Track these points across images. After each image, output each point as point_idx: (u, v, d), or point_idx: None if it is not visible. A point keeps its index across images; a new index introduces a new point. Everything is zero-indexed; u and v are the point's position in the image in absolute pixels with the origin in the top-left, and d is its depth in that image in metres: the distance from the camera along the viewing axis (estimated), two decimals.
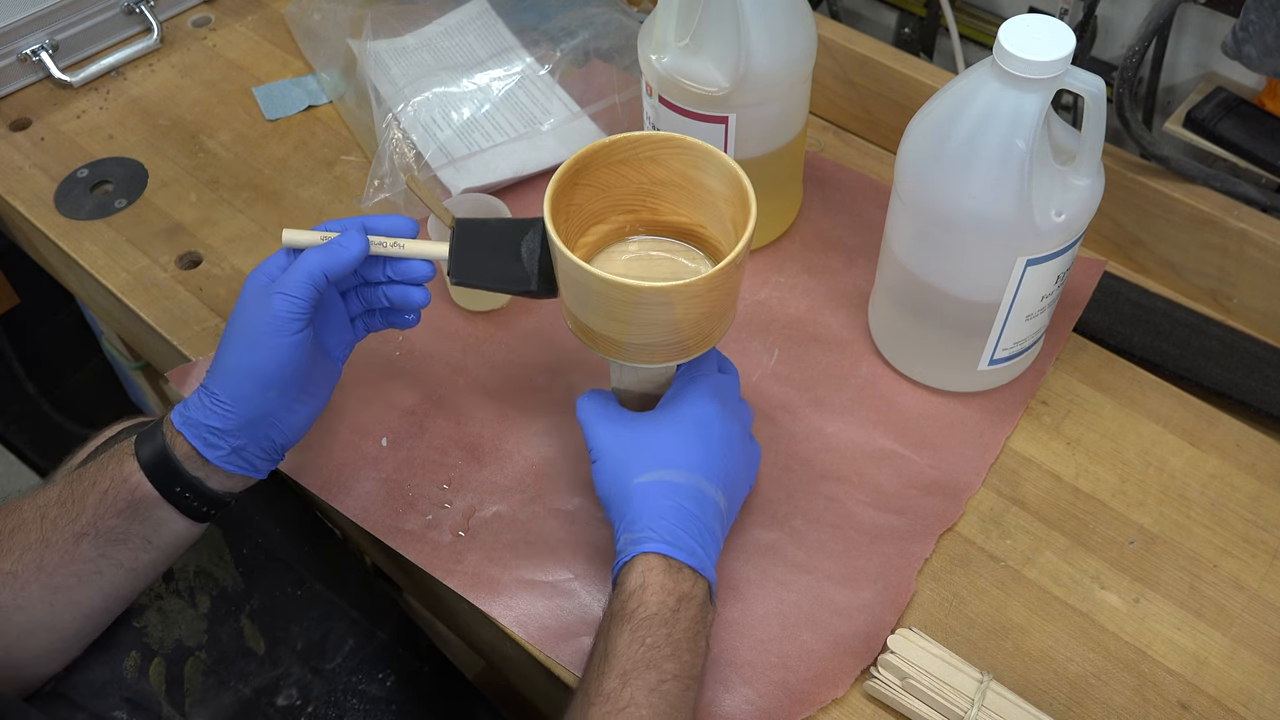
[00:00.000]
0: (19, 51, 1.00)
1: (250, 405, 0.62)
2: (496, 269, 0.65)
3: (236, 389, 0.62)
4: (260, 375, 0.62)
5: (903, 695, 0.63)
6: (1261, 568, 0.69)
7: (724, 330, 0.64)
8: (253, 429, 0.63)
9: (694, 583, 0.59)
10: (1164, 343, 0.82)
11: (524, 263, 0.65)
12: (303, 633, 0.74)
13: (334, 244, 0.63)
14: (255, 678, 0.72)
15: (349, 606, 0.77)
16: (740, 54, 0.71)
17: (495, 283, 0.66)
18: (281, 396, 0.63)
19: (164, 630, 0.71)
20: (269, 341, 0.61)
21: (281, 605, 0.75)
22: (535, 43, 0.98)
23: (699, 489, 0.62)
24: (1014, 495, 0.73)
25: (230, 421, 0.62)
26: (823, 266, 0.86)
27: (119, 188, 0.94)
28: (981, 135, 0.63)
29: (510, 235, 0.65)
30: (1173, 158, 0.81)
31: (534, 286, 0.65)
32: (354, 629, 0.76)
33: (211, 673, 0.71)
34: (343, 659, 0.75)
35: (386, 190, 0.88)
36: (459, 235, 0.66)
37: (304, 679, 0.73)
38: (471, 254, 0.66)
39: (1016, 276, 0.67)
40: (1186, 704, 0.64)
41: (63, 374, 1.39)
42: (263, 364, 0.62)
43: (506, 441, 0.76)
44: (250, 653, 0.72)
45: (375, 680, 0.75)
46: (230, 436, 0.62)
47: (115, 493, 0.62)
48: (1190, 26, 0.91)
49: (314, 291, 0.62)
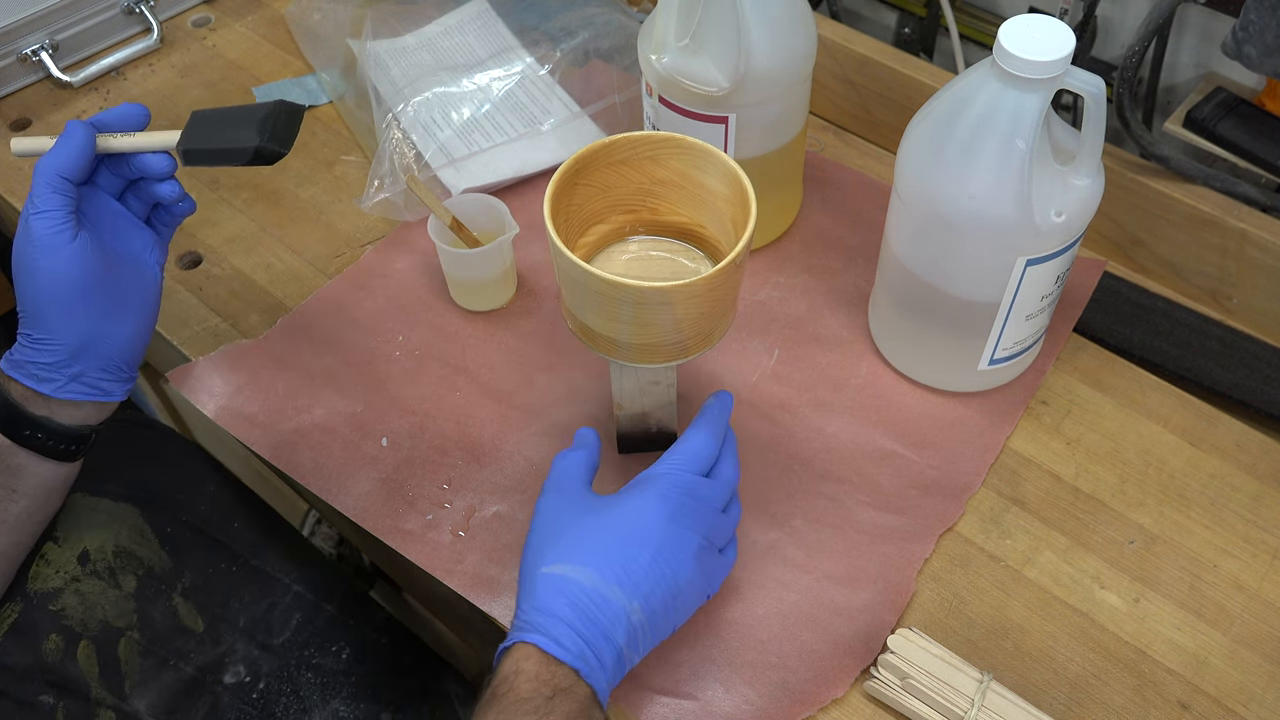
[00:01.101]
0: (19, 51, 1.00)
1: (65, 331, 0.62)
2: (225, 137, 0.64)
3: (44, 320, 0.61)
4: (55, 298, 0.61)
5: (903, 695, 0.63)
6: (1261, 568, 0.69)
7: (724, 330, 0.64)
8: (82, 353, 0.63)
9: (574, 682, 0.55)
10: (1164, 343, 0.82)
11: (255, 130, 0.64)
12: (243, 608, 0.74)
13: (60, 142, 0.61)
14: (197, 656, 0.71)
15: (291, 581, 0.77)
16: (740, 54, 0.71)
17: (223, 145, 0.64)
18: (91, 311, 0.62)
19: (85, 612, 0.70)
20: (43, 264, 0.60)
21: (216, 582, 0.74)
22: (535, 43, 0.98)
23: (603, 595, 0.56)
24: (1014, 495, 0.73)
25: (54, 354, 0.62)
26: (823, 266, 0.86)
27: None
28: (981, 135, 0.63)
29: (246, 114, 0.64)
30: (1173, 158, 0.81)
31: (259, 142, 0.63)
32: (299, 602, 0.76)
33: (149, 653, 0.70)
34: (291, 633, 0.74)
35: (386, 190, 0.88)
36: (192, 122, 0.65)
37: (251, 655, 0.73)
38: (202, 130, 0.65)
39: (1016, 276, 0.67)
40: (1186, 704, 0.64)
41: None
42: (51, 287, 0.61)
43: (506, 441, 0.76)
44: (187, 630, 0.72)
45: (329, 653, 0.75)
46: (61, 368, 0.62)
47: None
48: (1190, 26, 0.92)
49: (60, 198, 0.60)
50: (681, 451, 0.61)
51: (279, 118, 0.64)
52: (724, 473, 0.63)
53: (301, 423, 0.77)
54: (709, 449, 0.62)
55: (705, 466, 0.62)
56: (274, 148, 0.64)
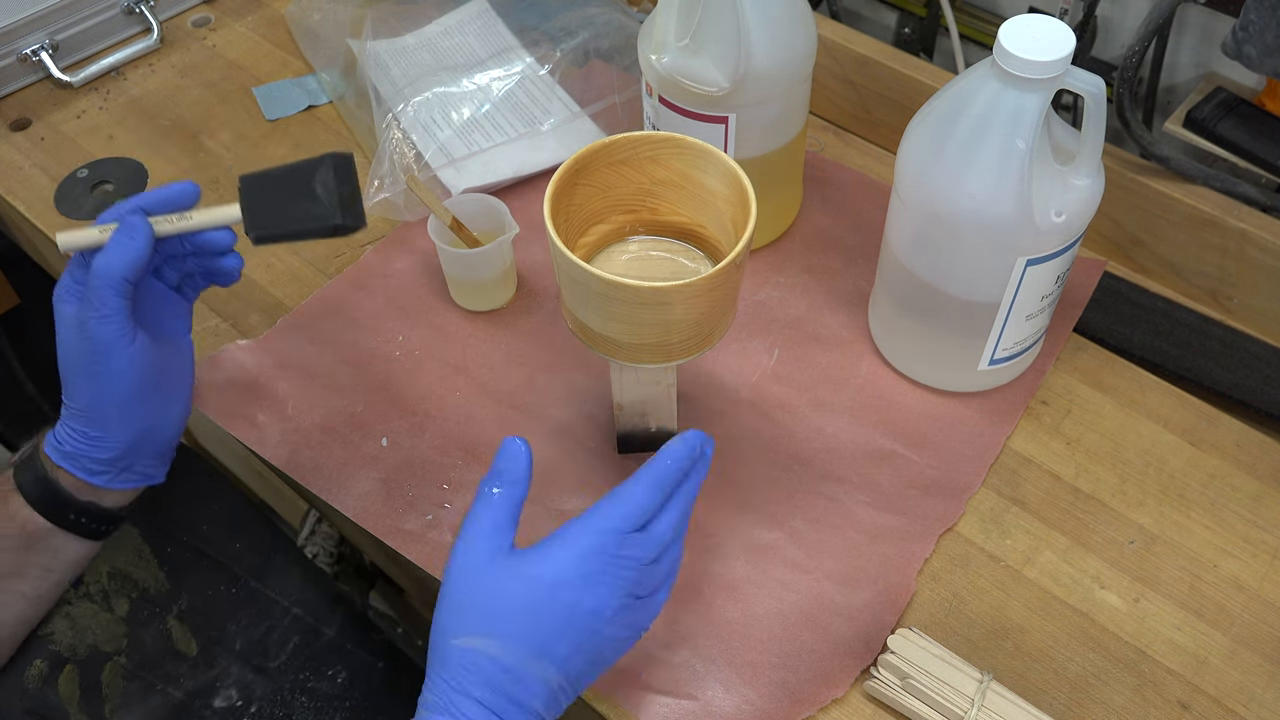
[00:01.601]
0: (19, 51, 1.00)
1: (123, 430, 0.62)
2: (295, 212, 0.61)
3: (101, 421, 0.61)
4: (115, 401, 0.60)
5: (903, 695, 0.63)
6: (1261, 568, 0.69)
7: (724, 330, 0.64)
8: (137, 448, 0.63)
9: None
10: (1164, 343, 0.82)
11: (322, 200, 0.61)
12: (240, 631, 0.73)
13: (117, 240, 0.59)
14: (187, 680, 0.70)
15: (291, 603, 0.75)
16: (740, 54, 0.71)
17: (297, 226, 0.61)
18: (148, 409, 0.62)
19: (74, 636, 0.69)
20: (107, 369, 0.59)
21: (214, 604, 0.73)
22: (535, 43, 0.98)
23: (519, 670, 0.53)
24: (1014, 495, 0.73)
25: (111, 451, 0.62)
26: (823, 266, 0.86)
27: (119, 188, 0.94)
28: (981, 135, 0.63)
29: (302, 176, 0.62)
30: (1173, 158, 0.81)
31: (338, 219, 0.61)
32: (297, 625, 0.75)
33: (134, 677, 0.69)
34: (287, 656, 0.73)
35: (386, 190, 0.88)
36: (246, 192, 0.62)
37: (244, 679, 0.71)
38: (264, 206, 0.61)
39: (1016, 276, 0.67)
40: (1186, 704, 0.64)
41: None
42: (113, 391, 0.60)
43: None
44: (180, 655, 0.71)
45: (325, 677, 0.74)
46: (115, 462, 0.62)
47: (4, 532, 0.61)
48: (1190, 26, 0.91)
49: (122, 301, 0.59)
50: (612, 503, 0.55)
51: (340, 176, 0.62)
52: (659, 529, 0.56)
53: (301, 423, 0.77)
54: (646, 501, 0.55)
55: (639, 520, 0.55)
56: (351, 225, 0.62)
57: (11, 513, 0.61)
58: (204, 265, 0.65)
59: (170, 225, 0.61)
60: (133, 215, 0.59)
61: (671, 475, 0.56)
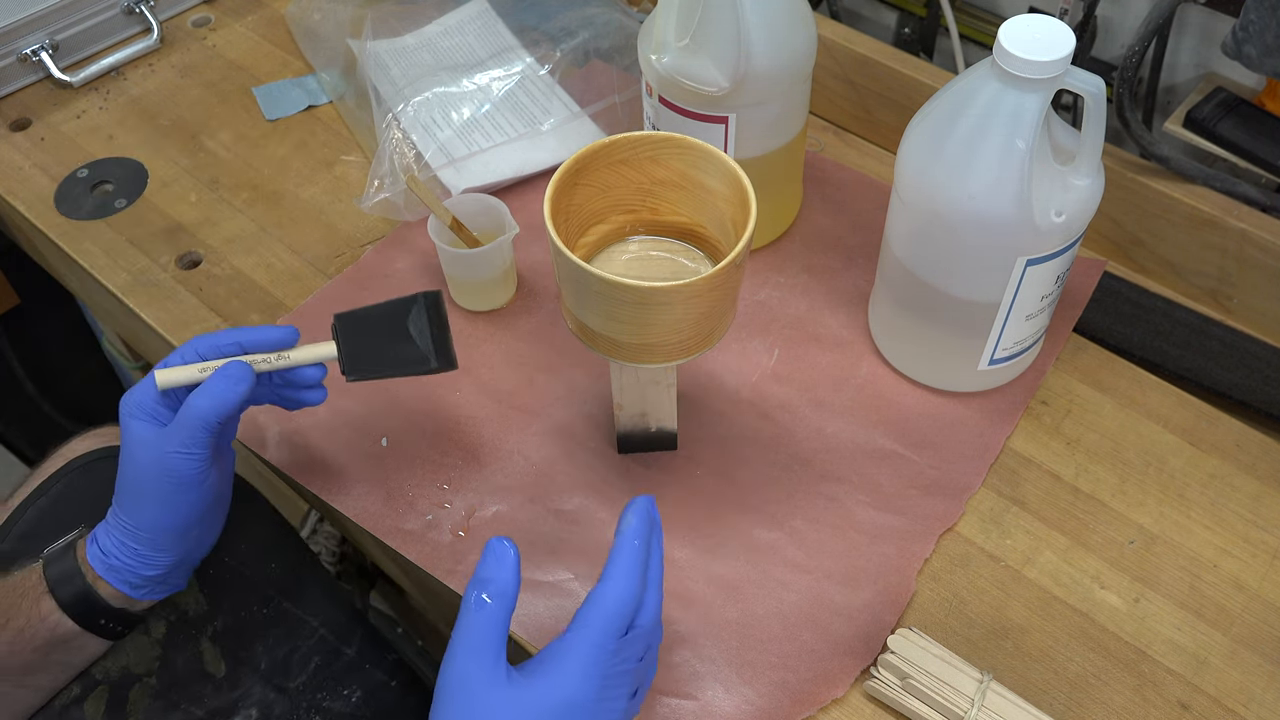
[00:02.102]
0: (19, 51, 1.00)
1: (176, 552, 0.62)
2: (391, 355, 0.64)
3: (157, 541, 0.61)
4: (179, 528, 0.61)
5: (903, 695, 0.63)
6: (1261, 568, 0.69)
7: (724, 330, 0.64)
8: (181, 565, 0.64)
9: None
10: (1164, 343, 0.82)
11: (416, 343, 0.64)
12: (266, 651, 0.73)
13: (219, 384, 0.59)
14: (211, 700, 0.70)
15: (317, 624, 0.75)
16: (740, 54, 0.71)
17: (394, 369, 0.64)
18: (201, 529, 0.63)
19: (110, 660, 0.68)
20: (179, 499, 0.60)
21: (246, 625, 0.73)
22: (535, 43, 0.98)
23: None
24: (1014, 495, 0.73)
25: (159, 569, 0.62)
26: (823, 266, 0.86)
27: (119, 188, 0.94)
28: (981, 135, 0.63)
29: (395, 317, 0.64)
30: (1173, 158, 0.81)
31: (434, 364, 0.64)
32: (320, 646, 0.74)
33: (160, 696, 0.69)
34: (308, 677, 0.73)
35: (386, 190, 0.88)
36: (342, 332, 0.64)
37: (265, 698, 0.71)
38: (361, 347, 0.64)
39: (1016, 276, 0.67)
40: (1186, 704, 0.64)
41: (63, 374, 1.39)
42: (180, 519, 0.61)
43: (506, 441, 0.76)
44: (208, 675, 0.70)
45: (340, 696, 0.73)
46: (159, 579, 0.63)
47: (32, 631, 0.61)
48: (1190, 26, 0.91)
49: (210, 438, 0.59)
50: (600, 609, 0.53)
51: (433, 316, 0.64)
52: (645, 620, 0.55)
53: (301, 423, 0.77)
54: (631, 595, 0.54)
55: (630, 617, 0.54)
56: (444, 367, 0.64)
57: (43, 614, 0.61)
58: (289, 395, 0.66)
59: (268, 365, 0.62)
60: (240, 367, 0.60)
61: (641, 554, 0.55)
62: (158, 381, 0.60)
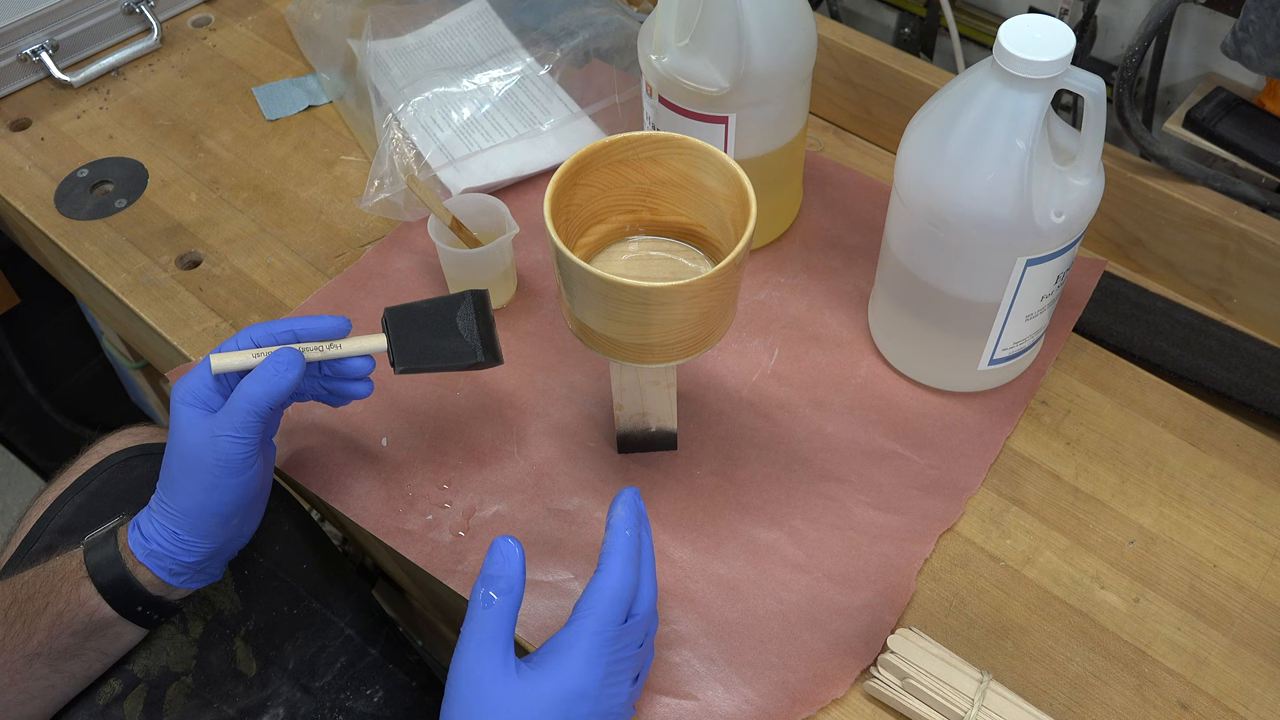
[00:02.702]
0: (19, 51, 1.00)
1: (216, 538, 0.62)
2: (440, 349, 0.65)
3: (200, 527, 0.62)
4: (223, 513, 0.62)
5: (903, 695, 0.63)
6: (1261, 568, 0.69)
7: (724, 330, 0.64)
8: (221, 553, 0.64)
9: None
10: (1164, 343, 0.82)
11: (464, 337, 0.65)
12: (295, 651, 0.73)
13: (270, 369, 0.61)
14: (242, 699, 0.70)
15: (344, 624, 0.76)
16: (740, 54, 0.71)
17: (442, 362, 0.65)
18: (243, 517, 0.64)
19: (150, 659, 0.69)
20: (226, 483, 0.61)
21: (277, 625, 0.73)
22: (535, 43, 0.98)
23: None
24: (1014, 495, 0.73)
25: (198, 555, 0.62)
26: (823, 266, 0.86)
27: (119, 188, 0.94)
28: (981, 135, 0.63)
29: (444, 312, 0.65)
30: (1173, 158, 0.81)
31: (480, 358, 0.65)
32: (347, 646, 0.75)
33: (195, 695, 0.69)
34: (333, 676, 0.74)
35: (386, 190, 0.88)
36: (393, 324, 0.65)
37: (292, 698, 0.72)
38: (410, 340, 0.65)
39: (1016, 276, 0.67)
40: (1186, 704, 0.64)
41: (63, 374, 1.39)
42: (224, 504, 0.61)
43: (506, 441, 0.76)
44: (240, 675, 0.71)
45: (363, 696, 0.74)
46: (198, 567, 0.63)
47: (71, 616, 0.61)
48: (1190, 26, 0.91)
49: (260, 423, 0.60)
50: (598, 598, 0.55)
51: (480, 313, 0.65)
52: (642, 608, 0.57)
53: (301, 423, 0.77)
54: (627, 584, 0.56)
55: (628, 604, 0.56)
56: (490, 362, 0.66)
57: (82, 599, 0.62)
58: (337, 386, 0.67)
59: (320, 353, 0.63)
60: (291, 353, 0.61)
61: (633, 545, 0.57)
62: (213, 365, 0.61)
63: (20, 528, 0.76)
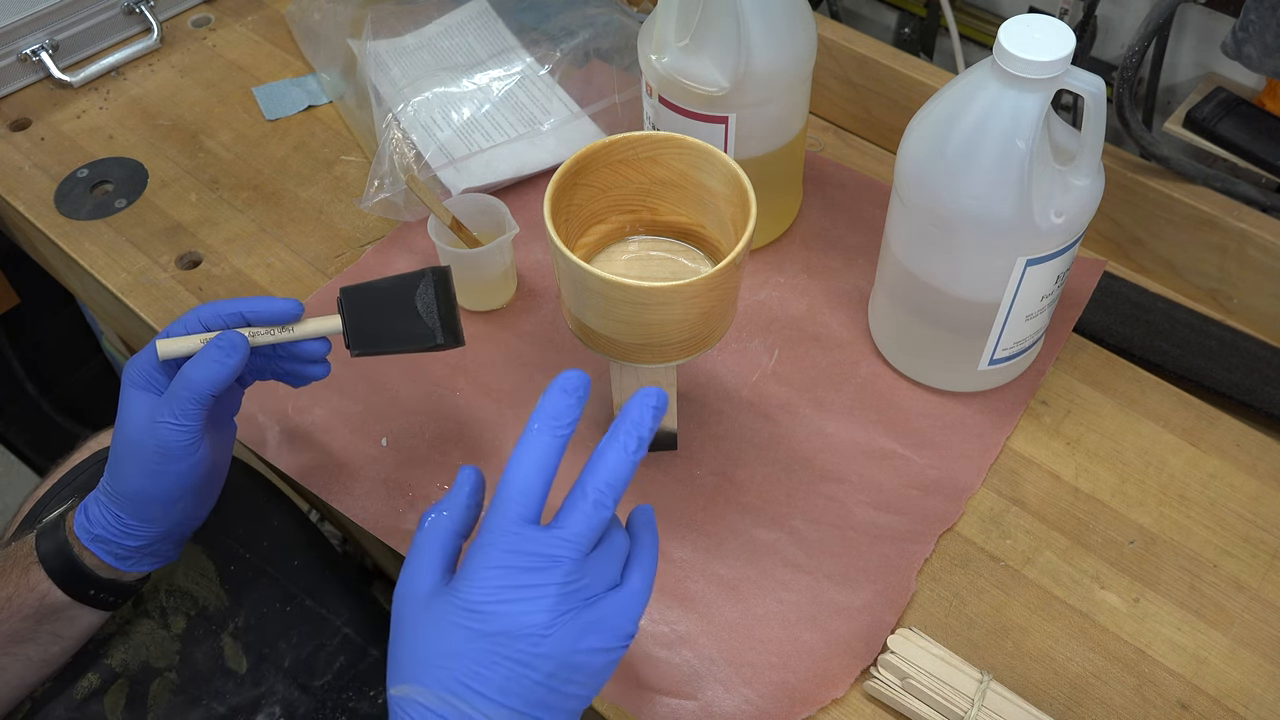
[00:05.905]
0: (19, 51, 1.00)
1: (161, 523, 0.62)
2: (397, 330, 0.62)
3: (144, 512, 0.61)
4: (165, 499, 0.60)
5: (903, 695, 0.63)
6: (1261, 568, 0.69)
7: (724, 330, 0.64)
8: (168, 537, 0.63)
9: None
10: (1164, 343, 0.82)
11: (423, 318, 0.62)
12: (290, 649, 0.72)
13: (212, 354, 0.58)
14: (233, 696, 0.70)
15: (342, 623, 0.75)
16: (740, 54, 0.71)
17: (399, 345, 0.63)
18: (189, 502, 0.62)
19: (128, 653, 0.68)
20: (168, 469, 0.59)
21: (268, 622, 0.72)
22: (535, 43, 0.98)
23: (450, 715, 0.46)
24: (1014, 495, 0.73)
25: (143, 539, 0.62)
26: (823, 266, 0.86)
27: (119, 188, 0.94)
28: (981, 135, 0.63)
29: (402, 292, 0.62)
30: (1173, 158, 0.81)
31: (439, 340, 0.62)
32: (346, 646, 0.74)
33: (181, 691, 0.69)
34: (333, 676, 0.73)
35: (386, 190, 0.88)
36: (349, 305, 0.63)
37: (290, 697, 0.71)
38: (366, 321, 0.62)
39: (1016, 276, 0.67)
40: (1186, 704, 0.64)
41: (63, 374, 1.39)
42: (167, 490, 0.60)
43: (506, 441, 0.76)
44: (229, 671, 0.70)
45: (366, 697, 0.73)
46: (144, 549, 0.62)
47: (21, 600, 0.61)
48: (1190, 26, 0.91)
49: (201, 410, 0.58)
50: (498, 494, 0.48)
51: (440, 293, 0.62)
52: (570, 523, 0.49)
53: (301, 422, 0.77)
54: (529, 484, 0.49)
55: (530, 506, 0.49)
56: (450, 344, 0.63)
57: (32, 583, 0.61)
58: (291, 369, 0.65)
59: (271, 337, 0.61)
60: (236, 337, 0.59)
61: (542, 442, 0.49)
62: (159, 352, 0.59)
63: (13, 523, 0.76)
